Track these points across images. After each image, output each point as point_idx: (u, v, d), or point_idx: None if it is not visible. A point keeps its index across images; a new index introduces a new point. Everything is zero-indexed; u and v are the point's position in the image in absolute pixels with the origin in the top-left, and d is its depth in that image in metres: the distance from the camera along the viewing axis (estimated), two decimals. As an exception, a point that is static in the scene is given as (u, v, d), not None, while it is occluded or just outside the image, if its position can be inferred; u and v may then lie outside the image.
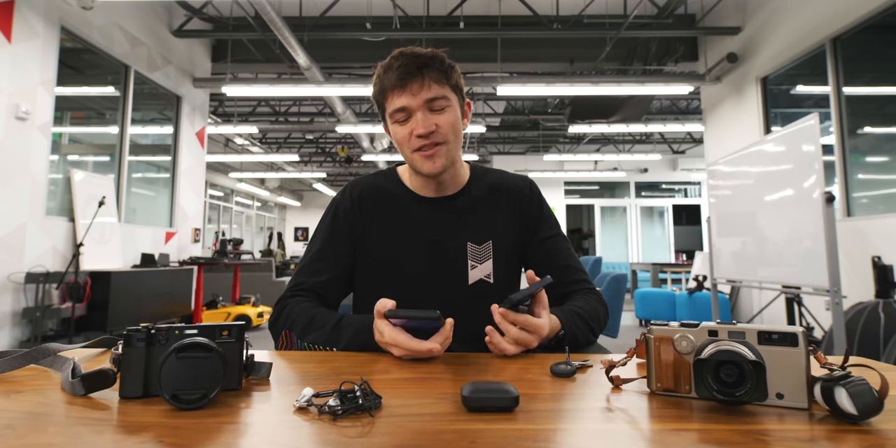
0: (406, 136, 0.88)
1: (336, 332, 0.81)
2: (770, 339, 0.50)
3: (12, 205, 3.51)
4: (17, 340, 3.59)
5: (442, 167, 0.89)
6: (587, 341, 0.87)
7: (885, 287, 2.79)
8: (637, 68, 5.94)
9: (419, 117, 0.86)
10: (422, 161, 0.88)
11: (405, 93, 0.86)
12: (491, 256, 0.95)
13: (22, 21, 3.61)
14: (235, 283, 5.63)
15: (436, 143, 0.87)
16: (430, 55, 0.87)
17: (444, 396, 0.54)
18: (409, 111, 0.87)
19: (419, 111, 0.86)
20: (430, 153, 0.87)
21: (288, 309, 0.88)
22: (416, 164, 0.90)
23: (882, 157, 3.88)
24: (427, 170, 0.89)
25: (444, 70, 0.87)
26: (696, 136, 9.94)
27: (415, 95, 0.85)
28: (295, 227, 15.68)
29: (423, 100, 0.86)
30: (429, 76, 0.86)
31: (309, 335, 0.83)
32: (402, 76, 0.85)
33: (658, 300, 5.20)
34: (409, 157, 0.91)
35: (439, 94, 0.87)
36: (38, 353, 0.62)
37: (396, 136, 0.90)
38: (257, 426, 0.46)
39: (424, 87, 0.86)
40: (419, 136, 0.86)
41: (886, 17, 3.64)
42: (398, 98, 0.86)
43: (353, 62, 6.31)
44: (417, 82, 0.85)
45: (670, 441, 0.42)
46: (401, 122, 0.88)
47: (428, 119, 0.86)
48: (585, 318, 0.87)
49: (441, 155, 0.88)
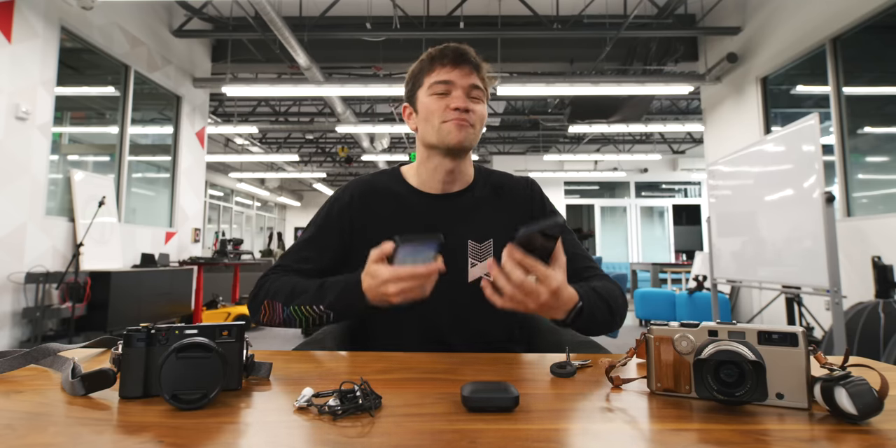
0: (441, 106, 0.91)
1: (321, 292, 0.81)
2: (770, 339, 0.50)
3: (12, 205, 3.51)
4: (17, 340, 3.59)
5: (469, 141, 0.91)
6: (606, 323, 0.81)
7: (885, 287, 2.79)
8: (637, 68, 5.94)
9: (460, 94, 0.91)
10: (450, 129, 0.90)
11: (455, 70, 0.91)
12: (491, 255, 0.95)
13: (22, 21, 3.61)
14: (235, 283, 5.63)
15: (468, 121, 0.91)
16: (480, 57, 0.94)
17: (444, 396, 0.54)
18: (451, 87, 0.91)
19: (461, 90, 0.91)
20: (462, 123, 0.90)
21: (269, 282, 0.88)
22: (443, 133, 0.91)
23: (882, 157, 3.88)
24: (454, 138, 0.90)
25: (485, 76, 0.95)
26: (696, 136, 9.94)
27: (463, 75, 0.91)
28: (295, 227, 15.69)
29: (468, 83, 0.91)
30: (477, 70, 0.93)
31: (295, 299, 0.82)
32: (457, 58, 0.91)
33: (658, 300, 5.20)
34: (436, 128, 0.91)
35: (481, 86, 0.93)
36: (38, 353, 0.62)
37: (430, 106, 0.92)
38: (257, 426, 0.46)
39: (472, 74, 0.92)
40: (455, 109, 0.89)
41: (886, 17, 3.64)
42: (447, 73, 0.91)
43: (353, 62, 6.31)
44: (468, 68, 0.92)
45: (670, 441, 0.42)
46: (439, 94, 0.91)
47: (467, 100, 0.91)
48: (604, 296, 0.81)
49: (470, 131, 0.91)
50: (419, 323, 0.91)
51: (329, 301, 0.80)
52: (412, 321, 0.91)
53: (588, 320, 0.76)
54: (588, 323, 0.76)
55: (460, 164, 0.96)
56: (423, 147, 0.96)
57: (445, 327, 0.91)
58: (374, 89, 5.49)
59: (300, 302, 0.82)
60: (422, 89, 0.94)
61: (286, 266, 0.94)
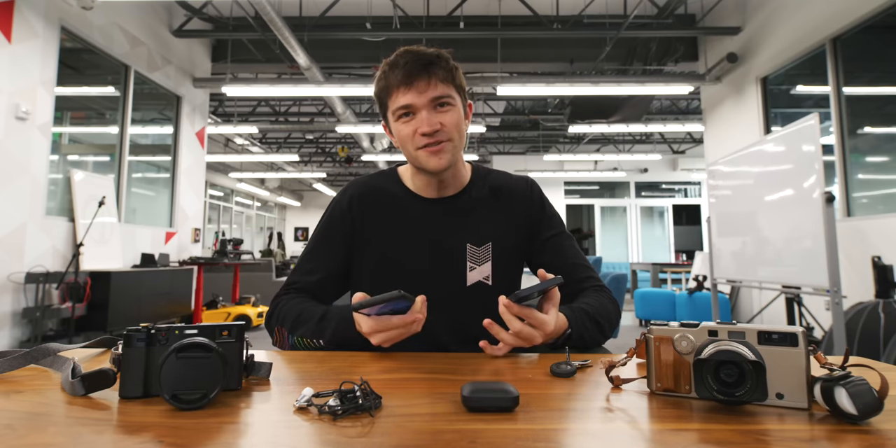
0: (410, 133, 0.87)
1: (321, 324, 0.82)
2: (770, 339, 0.50)
3: (12, 205, 3.51)
4: (17, 340, 3.59)
5: (447, 163, 0.88)
6: (595, 341, 0.85)
7: (885, 287, 2.79)
8: (637, 68, 5.94)
9: (424, 115, 0.86)
10: (427, 157, 0.87)
11: (411, 90, 0.85)
12: (490, 258, 0.94)
13: (22, 21, 3.61)
14: (235, 283, 5.63)
15: (440, 141, 0.87)
16: (436, 54, 0.87)
17: (444, 396, 0.54)
18: (414, 109, 0.86)
19: (424, 109, 0.86)
20: (436, 149, 0.87)
21: (280, 306, 0.90)
22: (420, 161, 0.89)
23: (882, 157, 3.88)
24: (433, 166, 0.88)
25: (449, 69, 0.87)
26: (696, 136, 9.94)
27: (421, 93, 0.85)
28: (295, 227, 15.69)
29: (428, 98, 0.85)
30: (435, 75, 0.85)
31: (298, 329, 0.84)
32: (409, 74, 0.84)
33: (658, 300, 5.20)
34: (412, 155, 0.90)
35: (444, 93, 0.86)
36: (38, 353, 0.62)
37: (400, 134, 0.89)
38: (257, 426, 0.46)
39: (430, 85, 0.85)
40: (424, 134, 0.86)
41: (886, 17, 3.64)
42: (403, 96, 0.86)
43: (353, 62, 6.31)
44: (423, 81, 0.85)
45: (670, 441, 0.42)
46: (404, 119, 0.88)
47: (433, 117, 0.86)
48: (594, 316, 0.84)
49: (447, 151, 0.88)
50: None
51: (328, 336, 0.81)
52: None
53: (576, 341, 0.81)
54: (576, 343, 0.81)
55: (448, 175, 0.94)
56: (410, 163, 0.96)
57: (444, 331, 0.90)
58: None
59: (302, 333, 0.84)
60: (389, 112, 0.90)
61: (295, 282, 0.95)
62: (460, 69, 0.91)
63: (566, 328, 0.79)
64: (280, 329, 0.87)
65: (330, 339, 0.81)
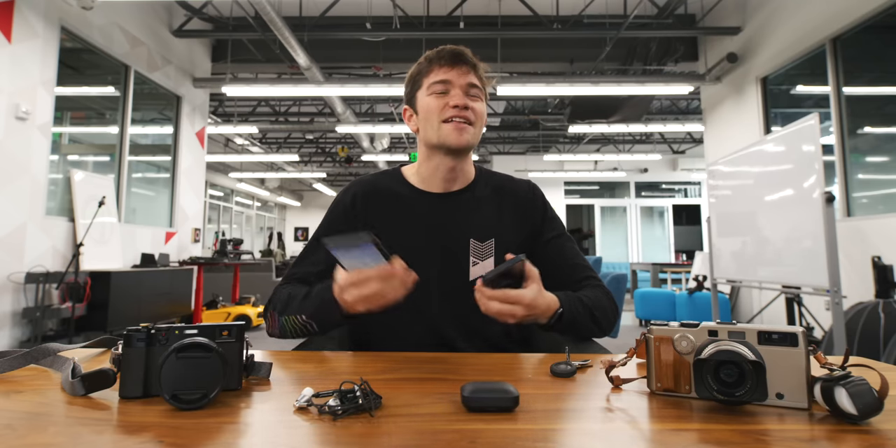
0: (440, 105, 0.92)
1: (305, 301, 0.82)
2: (770, 339, 0.50)
3: (12, 205, 3.51)
4: (17, 340, 3.59)
5: (467, 142, 0.92)
6: (589, 330, 0.86)
7: (885, 287, 2.79)
8: (637, 68, 5.94)
9: (458, 92, 0.92)
10: (450, 131, 0.91)
11: (453, 70, 0.93)
12: (493, 254, 0.95)
13: (22, 21, 3.61)
14: (235, 283, 5.63)
15: (467, 120, 0.92)
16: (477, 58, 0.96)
17: (444, 396, 0.54)
18: (450, 85, 0.92)
19: (460, 89, 0.92)
20: (461, 125, 0.91)
21: (276, 293, 0.91)
22: (443, 134, 0.92)
23: (882, 157, 3.88)
24: (453, 139, 0.91)
25: (482, 76, 0.96)
26: (696, 136, 9.94)
27: (461, 75, 0.93)
28: (295, 227, 15.68)
29: (466, 82, 0.93)
30: (474, 69, 0.94)
31: (287, 310, 0.84)
32: (454, 58, 0.93)
33: (658, 300, 5.20)
34: (435, 128, 0.93)
35: (479, 84, 0.95)
36: (38, 353, 0.62)
37: (429, 107, 0.93)
38: (257, 426, 0.46)
39: (470, 73, 0.93)
40: (454, 106, 0.90)
41: (886, 17, 3.64)
42: (444, 72, 0.93)
43: (353, 62, 6.31)
44: (466, 67, 0.93)
45: (670, 441, 0.42)
46: (438, 93, 0.93)
47: (466, 98, 0.92)
48: (588, 305, 0.86)
49: (469, 132, 0.92)
50: (420, 321, 0.91)
51: (310, 311, 0.80)
52: (413, 320, 0.91)
53: (569, 325, 0.82)
54: (569, 327, 0.82)
55: (461, 163, 0.97)
56: (424, 147, 0.97)
57: (446, 325, 0.91)
58: (374, 89, 5.49)
59: (289, 312, 0.83)
60: (421, 90, 0.95)
61: (296, 273, 0.95)
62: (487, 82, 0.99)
63: (557, 307, 0.80)
64: (272, 313, 0.87)
65: (311, 314, 0.80)
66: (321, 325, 0.81)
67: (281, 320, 0.84)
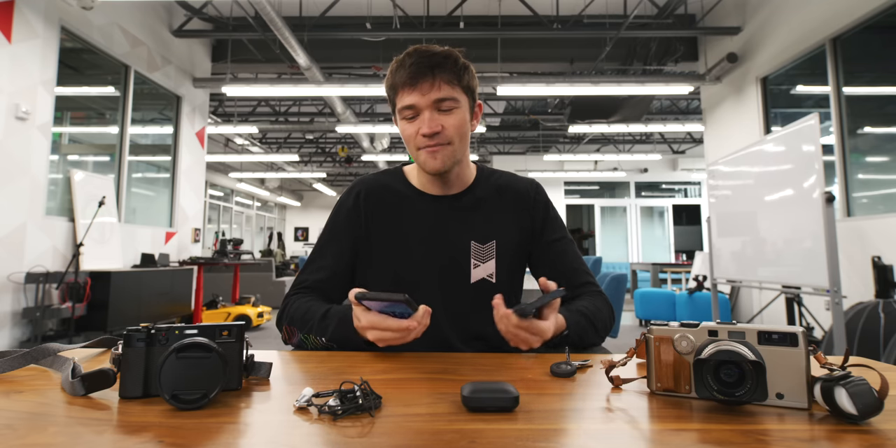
0: (413, 133, 0.89)
1: (323, 323, 0.83)
2: (770, 339, 0.50)
3: (12, 205, 3.51)
4: (17, 340, 3.59)
5: (443, 166, 0.90)
6: (591, 342, 0.88)
7: (885, 287, 2.79)
8: (637, 68, 5.94)
9: (426, 117, 0.87)
10: (425, 158, 0.90)
11: (415, 91, 0.86)
12: (494, 256, 0.95)
13: (22, 21, 3.61)
14: (235, 283, 5.63)
15: (440, 144, 0.88)
16: (444, 54, 0.87)
17: (444, 396, 0.54)
18: (417, 109, 0.88)
19: (427, 110, 0.87)
20: (434, 151, 0.89)
21: (289, 305, 0.91)
22: (420, 161, 0.92)
23: (882, 157, 3.88)
24: (429, 167, 0.90)
25: (456, 71, 0.88)
26: (696, 136, 9.94)
27: (423, 95, 0.86)
28: (295, 227, 15.68)
29: (431, 100, 0.86)
30: (440, 76, 0.86)
31: (304, 327, 0.85)
32: (413, 74, 0.85)
33: (658, 300, 5.20)
34: (414, 154, 0.92)
35: (448, 95, 0.87)
36: (38, 353, 0.62)
37: (404, 133, 0.92)
38: (257, 426, 0.46)
39: (434, 87, 0.86)
40: (424, 136, 0.87)
41: (886, 17, 3.64)
42: (408, 96, 0.87)
43: (353, 62, 6.31)
44: (428, 82, 0.86)
45: (670, 441, 0.42)
46: (409, 119, 0.90)
47: (435, 119, 0.87)
48: (590, 317, 0.87)
49: (445, 154, 0.89)
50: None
51: (329, 334, 0.82)
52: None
53: (575, 342, 0.84)
54: (573, 343, 0.83)
55: (451, 174, 0.95)
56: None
57: (448, 327, 0.91)
58: (374, 89, 5.49)
59: (307, 331, 0.85)
60: (396, 109, 0.92)
61: (304, 281, 0.96)
62: (471, 69, 0.92)
63: (564, 329, 0.81)
64: (288, 327, 0.88)
65: (331, 336, 0.81)
66: (341, 346, 0.82)
67: (300, 336, 0.86)
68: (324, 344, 0.83)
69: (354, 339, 0.77)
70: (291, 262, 11.95)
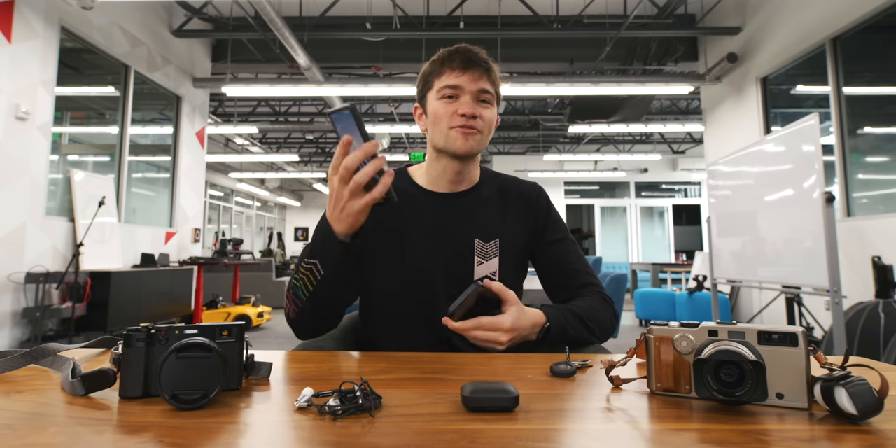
0: (450, 112, 0.91)
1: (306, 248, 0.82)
2: (770, 339, 0.50)
3: (12, 205, 3.51)
4: (17, 340, 3.59)
5: (471, 149, 0.92)
6: (583, 338, 0.86)
7: (885, 287, 2.79)
8: (637, 68, 5.94)
9: (468, 100, 0.91)
10: (457, 136, 0.91)
11: (464, 75, 0.91)
12: (498, 254, 0.96)
13: (22, 21, 3.61)
14: (235, 283, 5.63)
15: (475, 127, 0.91)
16: (492, 61, 0.95)
17: (444, 396, 0.54)
18: (460, 91, 0.91)
19: (469, 95, 0.91)
20: (467, 132, 0.91)
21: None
22: (450, 140, 0.92)
23: (882, 157, 3.88)
24: (459, 146, 0.91)
25: (495, 77, 0.95)
26: (696, 136, 9.94)
27: (472, 81, 0.91)
28: (295, 227, 15.68)
29: (476, 88, 0.91)
30: (487, 73, 0.93)
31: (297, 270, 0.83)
32: (466, 62, 0.91)
33: (658, 300, 5.20)
34: (443, 134, 0.92)
35: (491, 89, 0.93)
36: (38, 353, 0.62)
37: (438, 111, 0.92)
38: (257, 426, 0.46)
39: (482, 78, 0.92)
40: (463, 115, 0.90)
41: (886, 17, 3.64)
42: (456, 77, 0.91)
43: (353, 62, 6.31)
44: (478, 72, 0.92)
45: (670, 441, 0.42)
46: (447, 98, 0.92)
47: (475, 106, 0.91)
48: (580, 314, 0.87)
49: (476, 139, 0.92)
50: (423, 320, 0.91)
51: (311, 250, 0.79)
52: (417, 318, 0.92)
53: (559, 337, 0.82)
54: (560, 339, 0.82)
55: (468, 166, 0.97)
56: (432, 148, 0.98)
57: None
58: (374, 89, 5.49)
59: (297, 267, 0.82)
60: (431, 92, 0.95)
61: None
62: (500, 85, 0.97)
63: (545, 322, 0.81)
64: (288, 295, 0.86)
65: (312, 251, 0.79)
66: (323, 259, 0.78)
67: (292, 281, 0.83)
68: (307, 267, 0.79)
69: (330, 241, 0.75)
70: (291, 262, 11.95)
